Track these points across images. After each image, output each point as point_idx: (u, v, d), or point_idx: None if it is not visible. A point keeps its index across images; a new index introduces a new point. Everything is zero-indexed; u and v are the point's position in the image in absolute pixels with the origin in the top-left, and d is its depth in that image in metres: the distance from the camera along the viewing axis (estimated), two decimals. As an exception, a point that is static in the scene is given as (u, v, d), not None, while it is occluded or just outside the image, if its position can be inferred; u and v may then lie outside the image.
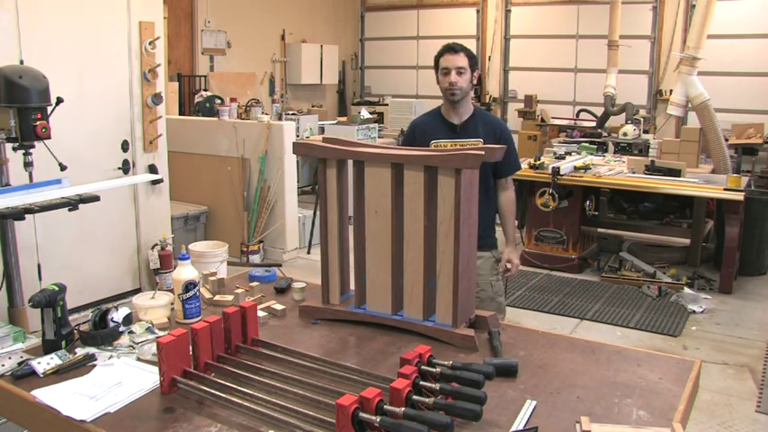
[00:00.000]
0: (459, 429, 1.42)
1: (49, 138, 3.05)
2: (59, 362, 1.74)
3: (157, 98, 4.26)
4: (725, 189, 4.93)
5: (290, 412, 1.46)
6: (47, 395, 1.59)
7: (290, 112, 7.40)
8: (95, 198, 3.13)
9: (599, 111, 7.49)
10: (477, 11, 9.79)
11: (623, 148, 6.76)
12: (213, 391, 1.56)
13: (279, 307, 2.15)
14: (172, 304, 2.10)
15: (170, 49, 7.51)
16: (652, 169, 5.41)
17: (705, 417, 3.18)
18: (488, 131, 2.71)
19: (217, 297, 2.24)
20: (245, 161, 5.67)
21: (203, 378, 1.64)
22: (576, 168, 5.46)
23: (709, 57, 6.26)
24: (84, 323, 1.92)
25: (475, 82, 2.72)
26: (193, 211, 5.69)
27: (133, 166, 4.24)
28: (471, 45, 9.84)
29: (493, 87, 9.75)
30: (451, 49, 2.66)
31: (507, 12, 9.55)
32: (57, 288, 1.83)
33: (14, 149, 3.06)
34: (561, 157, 5.93)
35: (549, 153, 6.25)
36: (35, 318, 2.36)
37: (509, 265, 2.80)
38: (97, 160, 4.03)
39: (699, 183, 5.15)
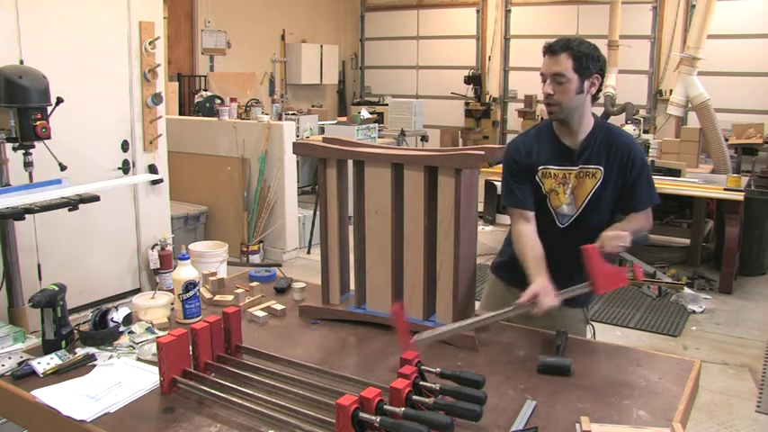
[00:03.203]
0: (459, 429, 1.41)
1: (48, 138, 3.06)
2: (59, 362, 1.74)
3: (157, 98, 4.25)
4: (725, 189, 4.93)
5: (290, 412, 1.46)
6: (47, 395, 1.59)
7: (290, 112, 7.39)
8: (95, 198, 3.13)
9: (599, 111, 7.45)
10: (477, 11, 9.79)
11: (623, 149, 6.75)
12: (213, 391, 1.56)
13: (279, 307, 2.15)
14: (172, 304, 2.10)
15: (170, 49, 7.52)
16: (652, 169, 5.39)
17: (705, 417, 3.18)
18: (612, 157, 1.97)
19: (217, 297, 2.24)
20: (245, 161, 5.67)
21: (203, 378, 1.63)
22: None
23: (709, 57, 6.26)
24: (84, 323, 1.92)
25: (592, 91, 1.96)
26: (193, 211, 5.69)
27: (133, 165, 4.24)
28: (471, 45, 9.90)
29: (493, 87, 9.75)
30: (548, 49, 1.95)
31: (507, 12, 9.56)
32: (57, 288, 1.83)
33: (14, 149, 3.07)
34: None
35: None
36: (35, 318, 2.36)
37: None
38: (97, 160, 4.02)
39: (699, 183, 5.14)
